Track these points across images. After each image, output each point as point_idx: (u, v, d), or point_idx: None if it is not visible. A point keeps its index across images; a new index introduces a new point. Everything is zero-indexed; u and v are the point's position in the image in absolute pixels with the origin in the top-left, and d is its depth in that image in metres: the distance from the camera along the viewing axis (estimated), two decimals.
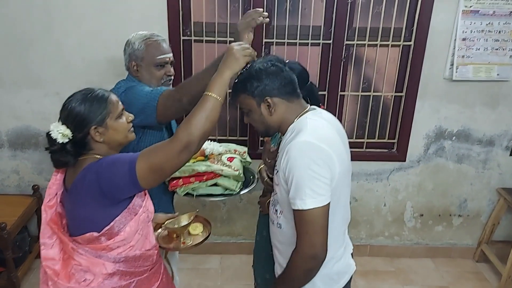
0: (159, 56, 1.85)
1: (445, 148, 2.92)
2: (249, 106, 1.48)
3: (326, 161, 1.35)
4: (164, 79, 1.90)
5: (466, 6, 2.57)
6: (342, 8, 2.55)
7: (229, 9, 2.56)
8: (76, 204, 1.37)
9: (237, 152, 2.13)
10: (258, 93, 1.44)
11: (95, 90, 1.40)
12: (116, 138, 1.41)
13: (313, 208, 1.33)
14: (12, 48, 2.55)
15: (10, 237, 2.48)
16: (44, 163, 2.82)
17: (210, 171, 1.90)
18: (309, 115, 1.48)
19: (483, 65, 2.69)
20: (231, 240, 3.14)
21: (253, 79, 1.45)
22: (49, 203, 1.44)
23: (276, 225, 1.57)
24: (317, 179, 1.33)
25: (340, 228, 1.56)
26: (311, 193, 1.33)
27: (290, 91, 1.48)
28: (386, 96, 2.81)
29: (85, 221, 1.36)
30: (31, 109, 2.69)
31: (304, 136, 1.38)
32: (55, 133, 1.33)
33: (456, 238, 3.18)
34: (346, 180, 1.50)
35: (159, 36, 1.90)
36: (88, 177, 1.32)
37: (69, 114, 1.35)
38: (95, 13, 2.49)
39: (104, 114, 1.37)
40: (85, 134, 1.36)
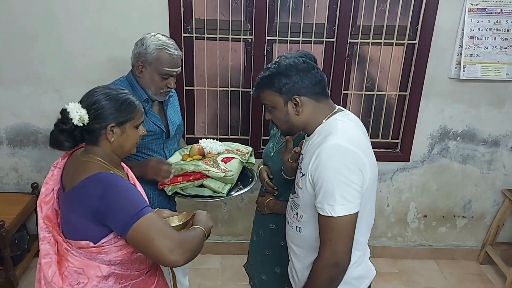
0: (167, 68, 1.83)
1: (449, 149, 2.88)
2: (274, 103, 1.43)
3: (358, 165, 1.30)
4: (163, 90, 1.88)
5: (472, 4, 2.53)
6: (346, 6, 2.51)
7: (231, 6, 2.52)
8: (72, 208, 1.33)
9: (239, 152, 2.08)
10: (286, 90, 1.38)
11: (128, 93, 1.40)
12: (125, 144, 1.41)
13: (342, 215, 1.28)
14: (12, 45, 2.52)
15: (9, 235, 2.46)
16: (43, 161, 2.79)
17: (198, 172, 1.85)
18: (339, 116, 1.41)
19: (492, 64, 2.64)
20: (231, 240, 3.11)
21: (281, 75, 1.38)
22: (45, 198, 1.42)
23: (295, 229, 1.52)
24: (348, 185, 1.28)
25: (364, 234, 1.50)
26: (341, 199, 1.28)
27: (319, 91, 1.41)
28: (390, 95, 2.77)
29: (80, 229, 1.32)
30: (31, 106, 2.66)
31: (334, 139, 1.32)
32: (73, 113, 1.30)
33: (460, 239, 3.14)
34: (374, 187, 1.45)
35: (175, 49, 1.85)
36: (92, 189, 1.28)
37: (95, 102, 1.33)
38: (96, 10, 2.46)
39: (128, 117, 1.37)
40: (101, 127, 1.34)
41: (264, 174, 1.94)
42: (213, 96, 2.73)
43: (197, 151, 2.00)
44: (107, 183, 1.29)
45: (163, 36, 1.87)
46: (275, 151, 1.89)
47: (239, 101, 2.75)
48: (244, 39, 2.59)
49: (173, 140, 2.06)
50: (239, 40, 2.59)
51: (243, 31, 2.57)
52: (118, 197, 1.27)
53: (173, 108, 2.08)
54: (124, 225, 1.25)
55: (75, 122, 1.30)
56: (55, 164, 1.47)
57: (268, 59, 2.62)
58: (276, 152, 1.88)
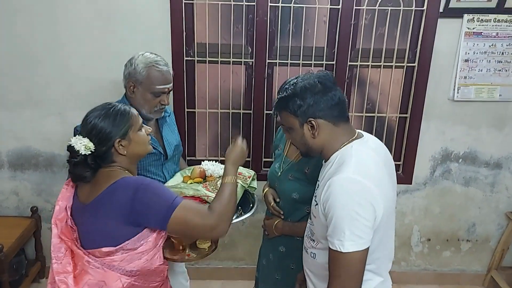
0: (158, 86, 1.83)
1: (451, 171, 2.87)
2: (291, 124, 1.41)
3: (370, 200, 1.25)
4: (157, 107, 1.87)
5: (468, 28, 2.57)
6: (345, 30, 2.55)
7: (232, 30, 2.57)
8: (98, 217, 1.37)
9: (241, 175, 2.02)
10: (301, 113, 1.36)
11: (116, 105, 1.46)
12: (137, 150, 1.47)
13: (351, 252, 1.23)
14: (16, 69, 2.56)
15: (7, 260, 2.42)
16: (44, 184, 2.78)
17: (197, 196, 1.80)
18: (355, 145, 1.36)
19: (485, 86, 2.67)
20: (232, 265, 3.06)
21: (296, 97, 1.36)
22: (58, 216, 1.46)
23: (309, 254, 1.49)
24: (358, 221, 1.23)
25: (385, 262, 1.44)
26: (351, 235, 1.23)
27: (337, 114, 1.36)
28: (390, 118, 2.78)
29: (104, 234, 1.37)
30: (32, 130, 2.67)
31: (347, 171, 1.27)
32: (78, 145, 1.38)
33: (464, 264, 3.09)
34: (391, 220, 1.40)
35: (165, 65, 1.86)
36: (121, 192, 1.35)
37: (92, 129, 1.39)
38: (99, 34, 2.50)
39: (127, 127, 1.43)
40: (109, 147, 1.41)
41: (270, 198, 1.91)
42: (214, 118, 2.75)
43: (198, 174, 1.97)
44: (136, 184, 1.36)
45: (151, 54, 1.87)
46: (282, 170, 1.87)
47: (240, 123, 2.76)
48: (245, 62, 2.63)
49: (172, 161, 2.05)
50: (240, 63, 2.63)
51: (244, 54, 2.61)
52: (150, 194, 1.34)
53: (170, 129, 2.07)
54: (162, 219, 1.34)
55: (82, 152, 1.37)
56: (67, 182, 1.52)
57: (269, 81, 2.65)
58: (283, 172, 1.87)
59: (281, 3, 2.51)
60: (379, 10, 2.54)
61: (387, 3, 2.53)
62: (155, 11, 2.47)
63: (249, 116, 2.73)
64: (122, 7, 2.46)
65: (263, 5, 2.47)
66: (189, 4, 2.50)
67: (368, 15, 2.57)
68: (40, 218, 2.80)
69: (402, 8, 2.54)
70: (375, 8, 2.53)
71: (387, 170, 1.39)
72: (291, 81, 1.44)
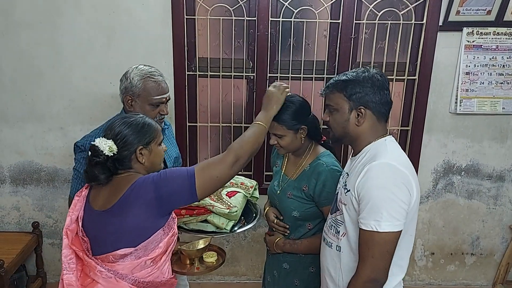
0: (155, 97, 1.83)
1: (454, 184, 2.85)
2: (339, 106, 1.46)
3: (407, 185, 1.32)
4: (157, 118, 1.88)
5: (468, 41, 2.59)
6: (346, 43, 2.57)
7: (234, 45, 2.59)
8: (123, 216, 1.39)
9: (243, 185, 2.05)
10: (356, 98, 1.42)
11: (144, 117, 1.54)
12: (155, 161, 1.53)
13: (387, 231, 1.29)
14: (18, 84, 2.58)
15: (8, 276, 2.40)
16: (45, 199, 2.77)
17: (202, 206, 1.83)
18: (388, 139, 1.45)
19: (488, 99, 2.67)
20: (234, 281, 3.03)
21: (357, 83, 1.42)
22: (70, 227, 1.47)
23: (335, 248, 1.51)
24: (395, 203, 1.30)
25: (404, 258, 1.47)
26: (388, 216, 1.29)
27: (384, 111, 1.45)
28: (392, 131, 2.78)
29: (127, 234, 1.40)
30: (34, 144, 2.67)
31: (385, 158, 1.36)
32: (102, 145, 1.42)
33: (469, 278, 3.05)
34: (417, 212, 1.45)
35: (159, 75, 1.87)
36: (142, 188, 1.39)
37: (119, 132, 1.46)
38: (101, 49, 2.52)
39: (151, 137, 1.49)
40: (130, 153, 1.46)
41: (271, 216, 1.90)
42: (216, 132, 2.75)
43: None
44: (152, 176, 1.42)
45: (145, 66, 1.88)
46: (281, 188, 1.87)
47: None
48: (246, 76, 2.64)
49: None
50: (242, 77, 2.64)
51: (245, 68, 2.62)
52: (168, 178, 1.41)
53: (169, 141, 2.07)
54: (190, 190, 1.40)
55: (106, 153, 1.42)
56: (78, 194, 1.54)
57: None
58: (282, 190, 1.86)
59: (281, 18, 2.53)
60: (379, 24, 2.56)
61: (386, 17, 2.55)
62: (157, 26, 2.50)
63: None
64: (124, 22, 2.49)
65: (264, 20, 2.49)
66: (190, 19, 2.53)
67: (368, 29, 2.60)
68: (41, 234, 2.79)
69: (402, 22, 2.56)
70: (375, 22, 2.55)
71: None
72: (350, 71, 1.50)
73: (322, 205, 1.73)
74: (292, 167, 1.87)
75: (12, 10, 2.46)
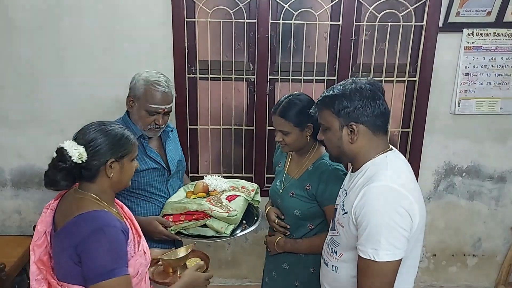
0: (151, 105, 1.81)
1: (455, 185, 2.85)
2: (330, 124, 1.36)
3: (408, 210, 1.22)
4: (151, 126, 1.86)
5: (468, 42, 2.59)
6: (346, 45, 2.57)
7: (234, 47, 2.59)
8: (62, 248, 1.29)
9: (244, 189, 2.03)
10: (345, 114, 1.32)
11: (123, 127, 1.40)
12: (123, 178, 1.40)
13: (386, 261, 1.21)
14: (20, 88, 2.58)
15: (9, 279, 2.39)
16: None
17: (201, 211, 1.79)
18: (390, 155, 1.34)
19: (486, 99, 2.68)
20: (236, 283, 3.03)
21: (344, 97, 1.32)
22: (37, 242, 1.37)
23: (330, 268, 1.44)
24: (395, 230, 1.20)
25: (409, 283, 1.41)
26: (387, 245, 1.20)
27: (380, 123, 1.33)
28: (393, 132, 2.78)
29: (70, 272, 1.28)
30: (36, 148, 2.68)
31: (385, 179, 1.26)
32: (72, 151, 1.28)
33: (471, 279, 3.05)
34: (422, 235, 1.36)
35: (165, 86, 1.83)
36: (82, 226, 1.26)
37: (92, 139, 1.32)
38: (102, 52, 2.53)
39: (125, 152, 1.37)
40: (100, 164, 1.32)
41: (272, 216, 1.90)
42: (217, 134, 2.75)
43: (201, 189, 1.96)
44: (97, 225, 1.26)
45: (156, 74, 1.86)
46: (283, 187, 1.87)
47: (242, 140, 2.77)
48: (247, 79, 2.65)
49: (176, 177, 2.04)
50: (242, 79, 2.65)
51: (246, 71, 2.63)
52: (100, 246, 1.24)
53: (174, 144, 2.07)
54: (93, 276, 1.23)
55: (74, 160, 1.28)
56: (47, 206, 1.43)
57: (271, 97, 2.66)
58: (284, 189, 1.86)
59: (282, 20, 2.54)
60: (379, 25, 2.56)
61: (387, 19, 2.56)
62: (157, 29, 2.50)
63: (252, 132, 2.73)
64: (124, 25, 2.49)
65: (264, 22, 2.50)
66: (191, 22, 2.54)
67: (368, 31, 2.60)
68: None
69: (402, 23, 2.56)
70: (375, 24, 2.55)
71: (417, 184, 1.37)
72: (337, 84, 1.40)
73: (324, 204, 1.73)
74: (295, 167, 1.87)
75: (13, 15, 2.46)
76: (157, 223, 1.82)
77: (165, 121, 1.89)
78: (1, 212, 2.80)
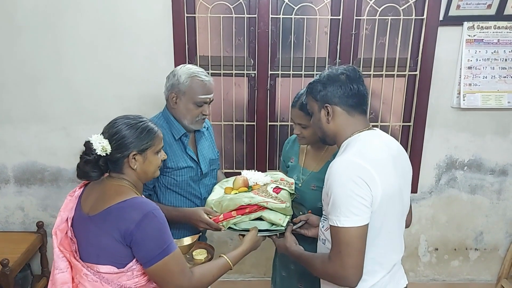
0: (201, 96, 1.85)
1: (457, 179, 2.85)
2: (312, 108, 1.52)
3: (367, 181, 1.32)
4: (199, 117, 1.89)
5: (469, 36, 2.58)
6: (346, 40, 2.57)
7: (234, 43, 2.59)
8: (102, 230, 1.36)
9: (284, 181, 1.92)
10: (320, 97, 1.46)
11: (147, 121, 1.48)
12: (148, 170, 1.47)
13: (347, 227, 1.30)
14: (21, 85, 2.59)
15: (12, 275, 2.42)
16: (49, 199, 2.79)
17: (254, 204, 1.70)
18: (364, 134, 1.45)
19: (492, 93, 2.67)
20: (239, 278, 3.04)
21: (319, 83, 1.47)
22: (59, 227, 1.46)
23: (321, 241, 1.53)
24: (353, 199, 1.30)
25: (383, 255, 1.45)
26: (346, 211, 1.30)
27: (353, 104, 1.45)
28: (394, 126, 2.78)
29: (108, 252, 1.36)
30: (38, 145, 2.69)
31: (348, 154, 1.38)
32: (96, 144, 1.38)
33: (474, 273, 3.05)
34: (394, 208, 1.42)
35: (206, 76, 1.89)
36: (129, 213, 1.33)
37: (116, 133, 1.40)
38: (103, 49, 2.54)
39: (148, 144, 1.44)
40: (123, 156, 1.41)
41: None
42: (218, 130, 2.76)
43: (242, 183, 1.87)
44: (147, 210, 1.34)
45: (193, 66, 1.91)
46: (302, 181, 1.86)
47: (243, 135, 2.77)
48: (247, 74, 2.65)
49: (210, 176, 2.04)
50: (243, 75, 2.65)
51: (246, 66, 2.63)
52: (153, 229, 1.34)
53: (208, 143, 2.05)
54: (151, 258, 1.33)
55: (98, 152, 1.38)
56: (71, 193, 1.51)
57: (272, 93, 2.67)
58: (304, 182, 1.85)
59: (282, 15, 2.54)
60: (380, 19, 2.56)
61: (387, 13, 2.56)
62: (158, 25, 2.51)
63: (253, 128, 2.74)
64: (124, 22, 2.50)
65: (264, 17, 2.50)
66: (191, 18, 2.54)
67: (368, 25, 2.60)
68: (46, 233, 2.80)
69: (402, 17, 2.56)
70: (375, 18, 2.55)
71: (396, 163, 1.43)
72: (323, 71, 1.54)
73: None
74: (313, 160, 1.88)
75: (14, 13, 2.47)
76: (202, 211, 1.80)
77: (210, 110, 1.94)
78: (5, 209, 2.82)
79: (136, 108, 2.55)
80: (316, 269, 1.46)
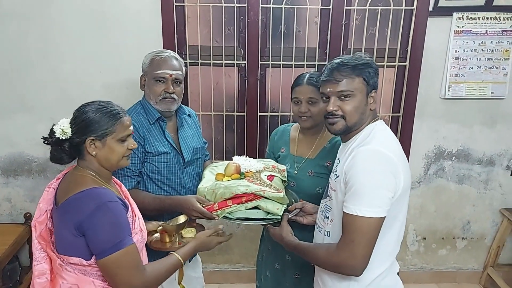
0: (158, 71, 1.83)
1: (445, 169, 2.88)
2: (358, 91, 1.42)
3: (393, 172, 1.32)
4: (163, 96, 1.83)
5: (458, 26, 2.60)
6: (336, 30, 2.57)
7: (224, 32, 2.57)
8: (63, 223, 1.33)
9: (275, 168, 1.89)
10: (373, 83, 1.44)
11: (113, 106, 1.42)
12: (109, 158, 1.41)
13: (367, 217, 1.29)
14: (7, 75, 2.55)
15: (1, 267, 2.40)
16: (37, 190, 2.76)
17: (250, 192, 1.65)
18: (379, 124, 1.47)
19: (477, 84, 2.69)
20: (228, 268, 3.05)
21: (372, 67, 1.44)
22: (38, 219, 1.43)
23: (323, 233, 1.52)
24: (379, 189, 1.30)
25: (391, 245, 1.46)
26: (369, 202, 1.29)
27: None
28: (383, 117, 2.79)
29: (71, 245, 1.34)
30: (25, 135, 2.65)
31: (373, 144, 1.37)
32: (57, 126, 1.37)
33: (460, 262, 3.09)
34: (406, 198, 1.44)
35: (170, 55, 1.87)
36: (84, 203, 1.31)
37: (78, 117, 1.38)
38: (91, 38, 2.50)
39: (108, 131, 1.38)
40: (82, 141, 1.37)
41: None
42: (208, 120, 2.75)
43: (235, 170, 1.82)
44: (100, 201, 1.31)
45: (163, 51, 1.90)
46: (298, 169, 1.86)
47: (234, 125, 2.76)
48: (237, 64, 2.63)
49: (195, 165, 2.00)
50: (233, 65, 2.63)
51: (237, 56, 2.61)
52: (106, 220, 1.30)
53: (191, 131, 2.01)
54: (102, 251, 1.30)
55: (57, 135, 1.36)
56: (49, 185, 1.48)
57: (262, 83, 2.66)
58: (299, 170, 1.86)
59: (272, 4, 2.52)
60: (370, 10, 2.56)
61: (377, 3, 2.56)
62: (146, 14, 2.48)
63: (243, 118, 2.73)
64: (113, 11, 2.46)
65: (254, 6, 2.48)
66: (180, 7, 2.51)
67: (358, 15, 2.60)
68: None
69: (392, 7, 2.56)
70: (365, 8, 2.55)
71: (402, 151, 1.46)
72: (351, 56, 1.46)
73: None
74: (307, 147, 1.88)
75: (0, 1, 2.42)
76: (194, 200, 1.73)
77: (177, 92, 1.86)
78: None
79: (124, 97, 2.52)
80: (318, 258, 1.45)
